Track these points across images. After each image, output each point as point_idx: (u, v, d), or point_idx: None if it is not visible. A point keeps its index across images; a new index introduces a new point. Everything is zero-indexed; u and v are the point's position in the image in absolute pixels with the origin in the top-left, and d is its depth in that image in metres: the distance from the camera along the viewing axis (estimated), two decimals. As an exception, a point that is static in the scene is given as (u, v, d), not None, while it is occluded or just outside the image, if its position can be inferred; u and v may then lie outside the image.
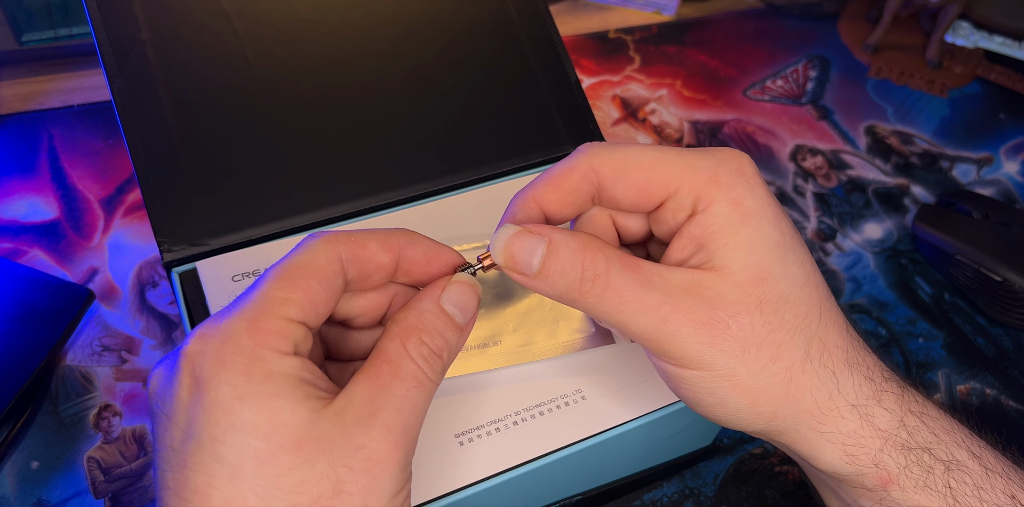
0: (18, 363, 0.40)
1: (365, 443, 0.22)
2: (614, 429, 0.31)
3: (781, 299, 0.25)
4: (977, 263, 0.48)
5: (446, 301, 0.25)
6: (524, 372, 0.32)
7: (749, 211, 0.25)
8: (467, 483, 0.29)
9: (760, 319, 0.25)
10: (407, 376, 0.23)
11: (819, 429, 0.26)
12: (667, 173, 0.25)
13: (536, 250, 0.25)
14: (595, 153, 0.26)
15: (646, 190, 0.26)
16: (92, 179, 0.50)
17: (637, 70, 0.62)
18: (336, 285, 0.24)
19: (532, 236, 0.25)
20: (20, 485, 0.38)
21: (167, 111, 0.36)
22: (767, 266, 0.25)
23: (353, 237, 0.25)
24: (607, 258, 0.25)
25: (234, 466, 0.21)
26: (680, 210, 0.26)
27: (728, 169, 0.25)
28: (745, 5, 0.70)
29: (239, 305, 0.23)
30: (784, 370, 0.25)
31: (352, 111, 0.38)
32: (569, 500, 0.37)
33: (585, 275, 0.25)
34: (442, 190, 0.38)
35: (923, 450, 0.26)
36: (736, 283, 0.25)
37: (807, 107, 0.62)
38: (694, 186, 0.25)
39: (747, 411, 0.26)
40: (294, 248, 0.24)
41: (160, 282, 0.46)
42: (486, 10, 0.41)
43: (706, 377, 0.25)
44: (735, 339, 0.24)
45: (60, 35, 0.56)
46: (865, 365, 0.26)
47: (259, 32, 0.38)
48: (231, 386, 0.21)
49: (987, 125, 0.62)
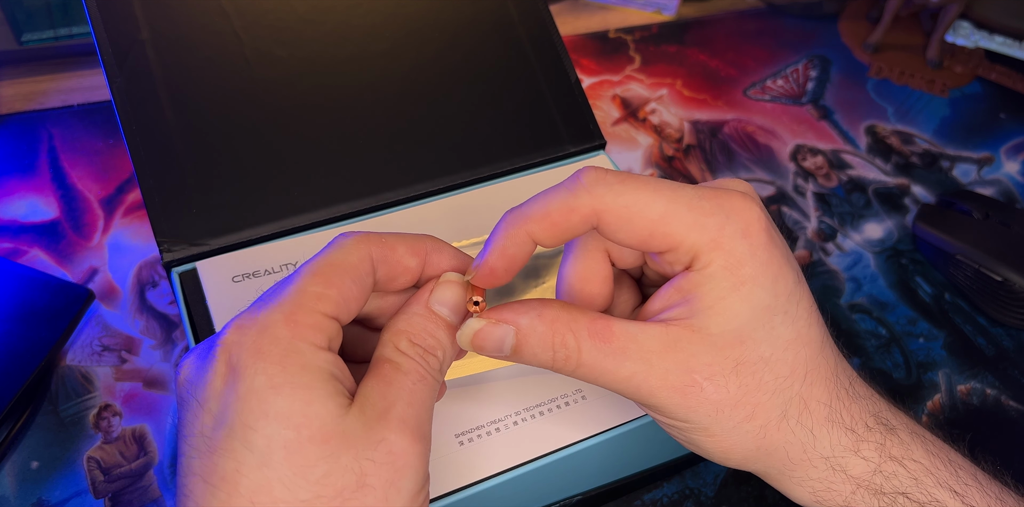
0: (18, 363, 0.40)
1: (385, 436, 0.22)
2: (614, 429, 0.31)
3: (761, 361, 0.25)
4: (977, 263, 0.48)
5: (434, 302, 0.26)
6: (524, 372, 0.32)
7: (743, 278, 0.25)
8: (467, 483, 0.29)
9: (736, 381, 0.25)
10: (409, 371, 0.24)
11: (790, 475, 0.26)
12: (673, 230, 0.25)
13: (504, 339, 0.25)
14: (600, 195, 0.25)
15: (647, 242, 0.25)
16: (92, 179, 0.50)
17: (637, 70, 0.62)
18: (367, 284, 0.25)
19: (498, 327, 0.25)
20: (20, 485, 0.38)
21: (167, 111, 0.36)
22: (748, 330, 0.25)
23: (384, 239, 0.25)
24: (576, 337, 0.25)
25: (264, 454, 0.21)
26: (677, 263, 0.26)
27: (734, 229, 0.25)
28: (745, 5, 0.70)
29: (275, 298, 0.23)
30: (759, 428, 0.25)
31: (352, 111, 0.38)
32: (569, 500, 0.37)
33: (556, 356, 0.25)
34: (442, 190, 0.38)
35: (899, 494, 0.26)
36: (713, 344, 0.25)
37: (807, 107, 0.61)
38: (696, 245, 0.25)
39: (719, 457, 0.26)
40: (327, 246, 0.25)
41: (160, 282, 0.46)
42: (486, 10, 0.41)
43: (683, 428, 0.26)
44: (708, 402, 0.25)
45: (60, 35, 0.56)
46: (849, 417, 0.26)
47: (259, 32, 0.38)
48: (267, 375, 0.21)
49: (987, 125, 0.62)
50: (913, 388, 0.46)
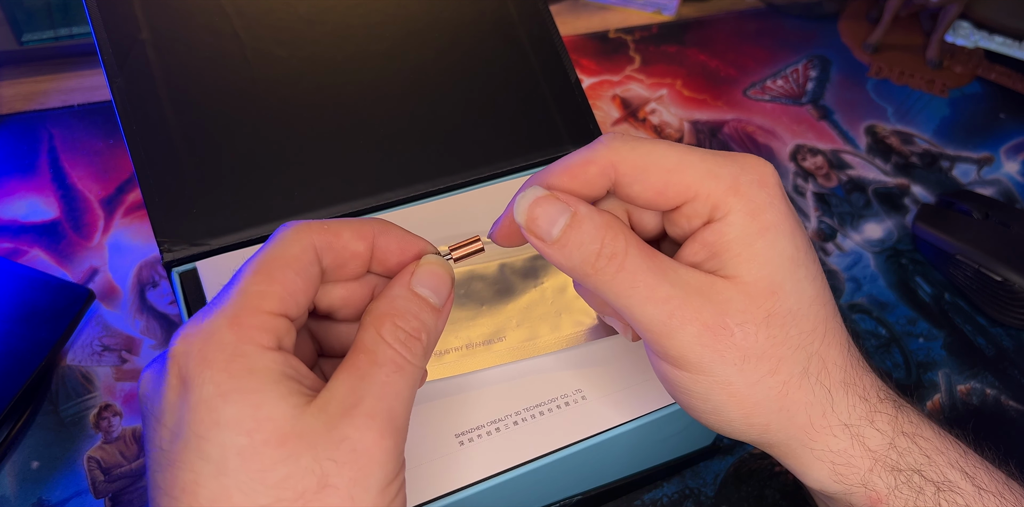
0: (18, 363, 0.40)
1: (348, 434, 0.22)
2: (614, 429, 0.31)
3: (789, 314, 0.25)
4: (977, 263, 0.48)
5: (417, 284, 0.25)
6: (524, 371, 0.32)
7: (766, 224, 0.25)
8: (467, 483, 0.29)
9: (765, 331, 0.24)
10: (385, 362, 0.23)
11: (810, 446, 0.26)
12: (687, 179, 0.25)
13: (559, 218, 0.24)
14: (616, 148, 0.25)
15: (664, 193, 0.25)
16: (92, 179, 0.50)
17: (637, 70, 0.62)
18: (312, 274, 0.24)
19: (558, 203, 0.25)
20: (20, 485, 0.38)
21: (167, 111, 0.36)
22: (779, 280, 0.25)
23: (326, 225, 0.25)
24: (627, 240, 0.24)
25: (219, 463, 0.21)
26: (696, 216, 0.25)
27: (750, 178, 0.25)
28: (745, 5, 0.70)
29: (219, 302, 0.23)
30: (781, 384, 0.25)
31: (352, 111, 0.38)
32: (569, 500, 0.37)
33: (603, 252, 0.24)
34: (442, 190, 0.38)
35: (913, 471, 0.26)
36: (746, 293, 0.24)
37: (807, 107, 0.61)
38: (713, 194, 0.25)
39: (740, 421, 0.25)
40: (267, 240, 0.24)
41: (160, 282, 0.46)
42: (486, 10, 0.41)
43: (702, 382, 0.25)
44: (737, 348, 0.24)
45: (60, 35, 0.56)
46: (861, 385, 0.26)
47: (259, 32, 0.38)
48: (214, 383, 0.21)
49: (987, 125, 0.62)
50: (913, 388, 0.46)
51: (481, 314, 0.33)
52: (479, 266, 0.34)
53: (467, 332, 0.32)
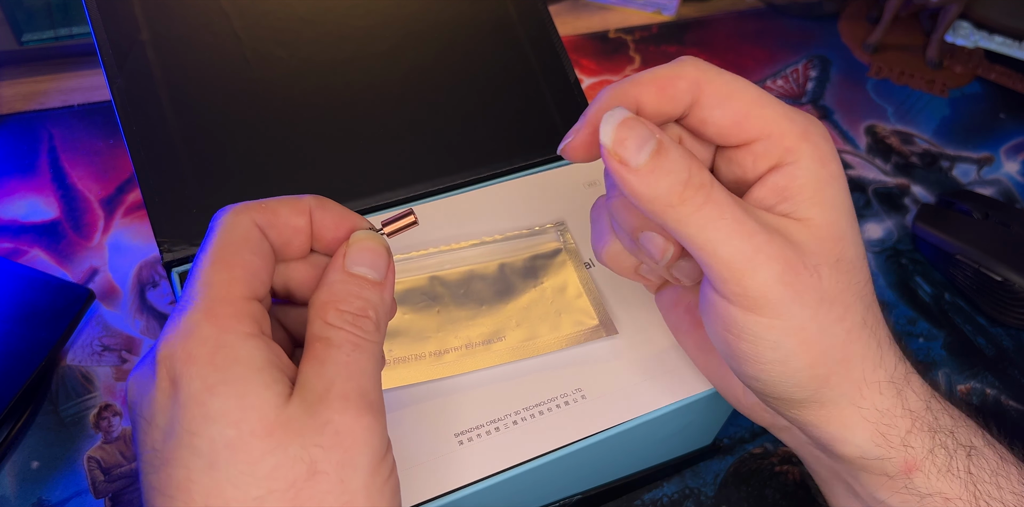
0: (18, 363, 0.40)
1: (329, 417, 0.22)
2: (614, 428, 0.31)
3: (851, 262, 0.25)
4: (977, 263, 0.48)
5: (352, 264, 0.25)
6: (524, 371, 0.32)
7: (833, 172, 0.25)
8: (467, 482, 0.29)
9: (836, 276, 0.24)
10: (341, 344, 0.23)
11: (859, 403, 0.25)
12: (767, 114, 0.25)
13: (647, 142, 0.23)
14: (704, 68, 0.25)
15: (742, 123, 0.25)
16: (92, 179, 0.50)
17: (637, 70, 0.62)
18: (266, 250, 0.24)
19: (647, 126, 0.23)
20: (20, 485, 0.38)
21: (167, 111, 0.36)
22: (845, 226, 0.25)
23: (262, 204, 0.25)
24: (710, 176, 0.24)
25: (209, 457, 0.21)
26: (766, 156, 0.25)
27: (818, 130, 0.25)
28: (745, 5, 0.70)
29: (189, 300, 0.23)
30: (845, 332, 0.24)
31: (352, 111, 0.38)
32: (569, 500, 0.37)
33: (691, 181, 0.23)
34: (442, 190, 0.38)
35: (947, 433, 0.26)
36: (819, 236, 0.24)
37: (807, 107, 0.61)
38: (787, 136, 0.25)
39: (806, 371, 0.24)
40: (210, 228, 0.24)
41: (160, 282, 0.46)
42: (486, 10, 0.41)
43: (776, 327, 0.24)
44: (815, 289, 0.24)
45: (60, 35, 0.56)
46: (895, 348, 0.26)
47: (259, 32, 0.38)
48: (201, 378, 0.21)
49: (987, 125, 0.62)
50: (913, 388, 0.46)
51: (481, 314, 0.33)
52: (479, 266, 0.34)
53: (467, 332, 0.33)
